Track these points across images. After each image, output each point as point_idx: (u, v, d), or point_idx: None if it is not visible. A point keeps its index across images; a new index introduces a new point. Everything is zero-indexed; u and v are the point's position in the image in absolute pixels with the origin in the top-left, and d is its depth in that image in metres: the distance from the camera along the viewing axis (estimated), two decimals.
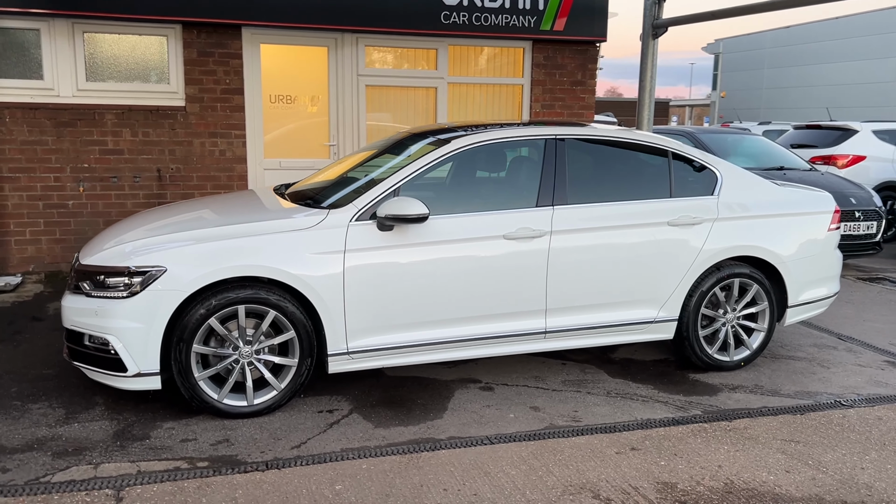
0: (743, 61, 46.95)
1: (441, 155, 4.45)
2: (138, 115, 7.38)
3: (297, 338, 4.10)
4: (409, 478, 3.45)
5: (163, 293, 3.86)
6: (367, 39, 8.04)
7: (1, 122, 7.04)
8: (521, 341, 4.57)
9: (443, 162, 4.46)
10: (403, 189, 4.32)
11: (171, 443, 3.79)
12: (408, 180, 4.34)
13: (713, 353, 4.98)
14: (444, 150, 4.47)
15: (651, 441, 3.91)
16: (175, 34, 7.42)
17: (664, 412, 4.33)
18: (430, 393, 4.55)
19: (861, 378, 4.97)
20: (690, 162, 4.98)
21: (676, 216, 4.77)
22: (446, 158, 4.47)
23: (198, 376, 3.98)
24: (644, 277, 4.72)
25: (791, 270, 5.04)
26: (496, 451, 3.75)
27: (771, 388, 4.75)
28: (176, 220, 4.44)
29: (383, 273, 4.18)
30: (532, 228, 4.45)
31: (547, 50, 8.59)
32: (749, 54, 46.40)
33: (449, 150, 4.48)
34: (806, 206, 5.18)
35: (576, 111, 8.82)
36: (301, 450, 3.74)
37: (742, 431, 4.06)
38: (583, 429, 4.05)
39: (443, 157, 4.45)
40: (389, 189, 4.29)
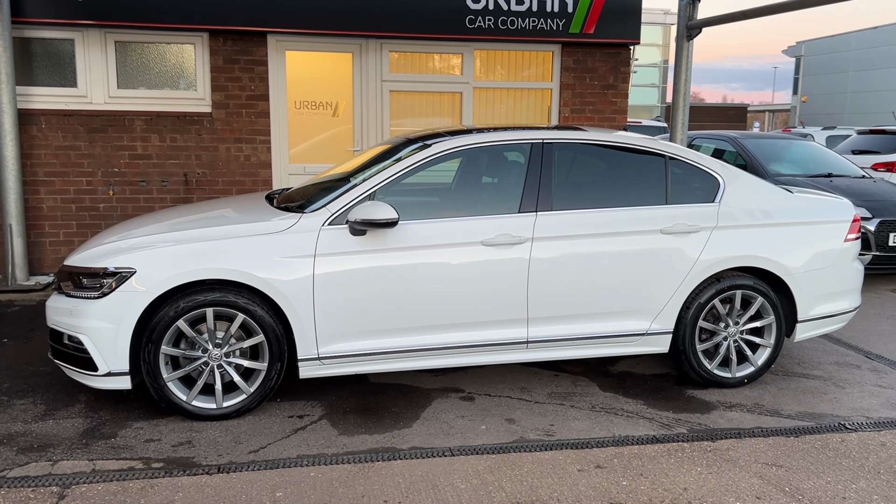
0: (826, 64, 45.04)
1: (420, 159, 4.37)
2: (166, 121, 7.59)
3: (266, 342, 4.10)
4: (353, 487, 3.38)
5: (131, 294, 3.92)
6: (392, 45, 8.04)
7: (37, 128, 7.35)
8: (502, 351, 4.44)
9: (422, 166, 4.38)
10: (379, 193, 4.27)
11: (135, 443, 3.83)
12: (384, 185, 4.29)
13: (712, 369, 4.72)
14: (424, 155, 4.39)
15: (620, 459, 3.73)
16: (202, 42, 7.59)
17: (646, 429, 4.12)
18: (407, 401, 4.47)
19: (877, 400, 4.62)
20: (690, 167, 4.75)
21: (670, 224, 4.54)
22: (426, 163, 4.39)
23: (166, 377, 4.02)
24: (635, 288, 4.52)
25: (800, 283, 4.74)
26: (453, 464, 3.64)
27: (772, 408, 4.46)
28: (160, 222, 4.50)
29: (355, 278, 4.14)
30: (512, 235, 4.32)
31: (577, 53, 8.40)
32: (832, 57, 44.49)
33: (428, 154, 4.40)
34: (819, 215, 4.86)
35: (607, 115, 8.58)
36: (258, 455, 3.72)
37: (723, 453, 3.83)
38: (552, 444, 3.90)
39: (422, 161, 4.37)
40: (364, 193, 4.24)
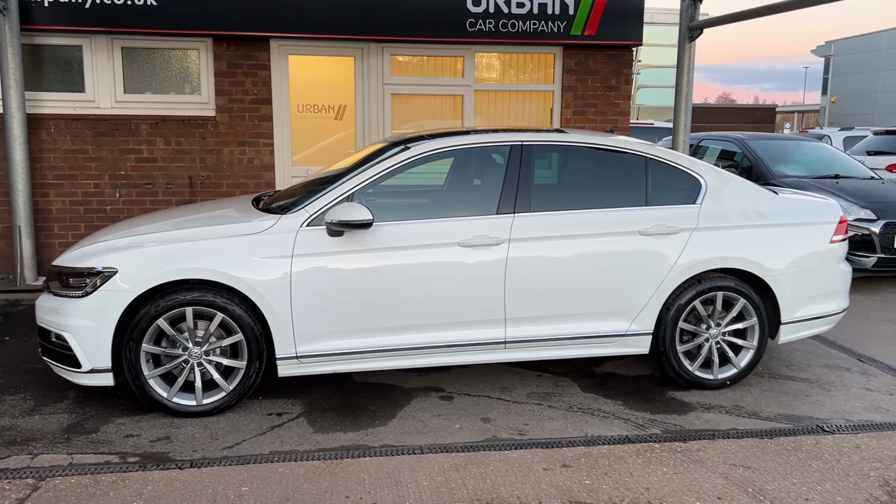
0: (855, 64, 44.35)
1: (398, 162, 4.44)
2: (171, 125, 7.75)
3: (244, 340, 4.18)
4: (317, 483, 3.45)
5: (113, 294, 4.03)
6: (393, 48, 8.12)
7: (47, 132, 7.55)
8: (480, 351, 4.48)
9: (401, 169, 4.44)
10: (357, 195, 4.34)
11: (115, 438, 3.95)
12: (362, 187, 4.36)
13: (693, 370, 4.72)
14: (402, 157, 4.46)
15: (587, 459, 3.75)
16: (206, 47, 7.74)
17: (620, 430, 4.14)
18: (386, 400, 4.53)
19: (861, 403, 4.58)
20: (671, 169, 4.75)
21: (649, 225, 4.55)
22: (404, 165, 4.45)
23: (147, 374, 4.13)
24: (613, 288, 4.53)
25: (783, 285, 4.72)
26: (420, 461, 3.69)
27: (751, 410, 4.45)
28: (149, 224, 4.62)
29: (333, 278, 4.21)
30: (489, 236, 4.36)
31: (578, 55, 8.41)
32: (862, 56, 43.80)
33: (407, 156, 4.46)
34: (804, 216, 4.84)
35: (609, 117, 8.58)
36: (232, 450, 3.81)
37: (693, 454, 3.83)
38: (523, 443, 3.93)
39: (400, 163, 4.44)
40: (342, 195, 4.32)
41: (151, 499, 3.28)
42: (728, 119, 39.68)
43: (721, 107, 47.87)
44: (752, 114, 45.80)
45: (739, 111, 45.67)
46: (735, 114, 44.14)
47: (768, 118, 46.44)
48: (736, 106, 50.83)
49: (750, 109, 48.08)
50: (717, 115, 43.65)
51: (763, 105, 51.84)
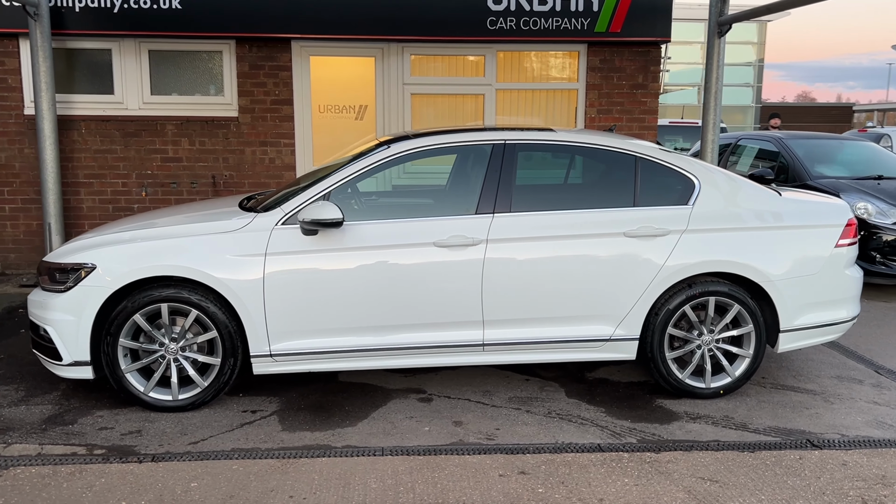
0: None
1: (377, 160, 4.41)
2: (195, 126, 7.92)
3: (219, 337, 4.23)
4: (266, 482, 3.45)
5: (92, 289, 4.13)
6: (413, 48, 8.10)
7: (78, 133, 7.83)
8: (458, 353, 4.41)
9: (380, 167, 4.41)
10: (335, 194, 4.33)
11: (89, 430, 4.04)
12: (339, 185, 4.35)
13: (684, 378, 4.53)
14: (382, 156, 4.43)
15: (549, 466, 3.64)
16: (229, 49, 7.89)
17: (593, 437, 4.00)
18: (364, 400, 4.51)
19: (864, 417, 4.31)
20: (663, 169, 4.57)
21: (635, 227, 4.39)
22: (383, 164, 4.42)
23: (125, 369, 4.22)
24: (595, 292, 4.39)
25: (782, 290, 4.48)
26: (375, 464, 3.65)
27: (741, 422, 4.24)
28: (138, 221, 4.72)
29: (306, 277, 4.21)
30: (466, 236, 4.29)
31: (603, 53, 8.22)
32: None
33: (385, 155, 4.43)
34: (806, 219, 4.59)
35: (636, 116, 8.35)
36: (196, 446, 3.85)
37: (662, 465, 3.67)
38: (488, 448, 3.84)
39: (379, 162, 4.41)
40: (318, 194, 4.31)
41: (101, 491, 3.34)
42: (802, 118, 38.19)
43: (798, 106, 46.10)
44: (826, 112, 44.02)
45: (813, 110, 43.95)
46: (809, 113, 42.51)
47: (844, 117, 44.54)
48: (810, 105, 48.95)
49: (826, 108, 46.22)
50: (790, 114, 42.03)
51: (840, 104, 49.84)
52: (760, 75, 46.49)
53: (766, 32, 45.57)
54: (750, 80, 46.36)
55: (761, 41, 45.81)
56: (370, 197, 4.67)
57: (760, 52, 46.10)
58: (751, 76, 46.38)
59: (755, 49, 45.91)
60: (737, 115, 44.68)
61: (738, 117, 45.22)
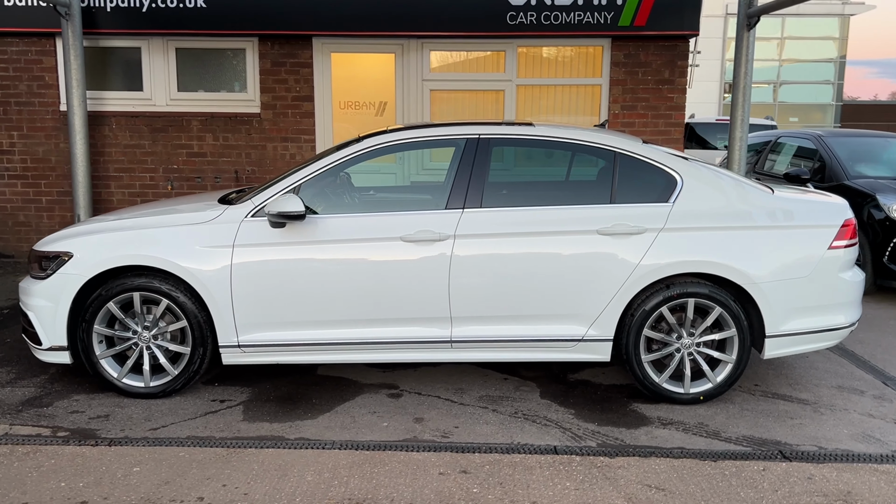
0: None
1: (346, 155, 4.41)
2: (219, 122, 8.11)
3: (188, 327, 4.31)
4: (206, 470, 3.49)
5: (68, 276, 4.27)
6: (432, 44, 8.08)
7: (109, 129, 8.13)
8: (425, 349, 4.37)
9: (350, 161, 4.41)
10: (305, 187, 4.35)
11: (61, 413, 4.18)
12: (310, 178, 4.37)
13: (660, 382, 4.36)
14: (352, 150, 4.42)
15: (493, 467, 3.56)
16: (252, 46, 8.04)
17: (551, 439, 3.90)
18: (334, 394, 4.52)
19: (852, 430, 4.06)
20: (643, 165, 4.41)
21: (609, 224, 4.26)
22: (354, 158, 4.42)
23: (99, 354, 4.34)
24: (567, 291, 4.28)
25: (767, 293, 4.26)
26: (319, 457, 3.65)
27: (714, 429, 4.06)
28: (127, 212, 4.86)
29: (273, 269, 4.24)
30: (433, 231, 4.24)
31: (628, 47, 8.00)
32: None
33: (358, 149, 4.42)
34: (798, 219, 4.35)
35: (662, 112, 8.10)
36: (154, 432, 3.93)
37: (611, 470, 3.54)
38: (438, 445, 3.79)
39: (349, 156, 4.41)
40: (287, 187, 4.34)
41: (46, 472, 3.45)
42: (861, 118, 36.48)
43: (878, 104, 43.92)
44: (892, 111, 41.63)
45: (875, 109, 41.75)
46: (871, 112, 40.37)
47: None
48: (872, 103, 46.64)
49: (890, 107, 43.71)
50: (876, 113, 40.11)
51: None
52: (842, 72, 44.48)
53: (849, 27, 43.54)
54: (830, 78, 44.42)
55: (843, 36, 43.81)
56: (347, 190, 4.67)
57: (843, 47, 44.10)
58: (831, 73, 44.43)
59: (836, 45, 43.95)
60: (815, 113, 42.84)
61: (816, 116, 43.39)
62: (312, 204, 4.34)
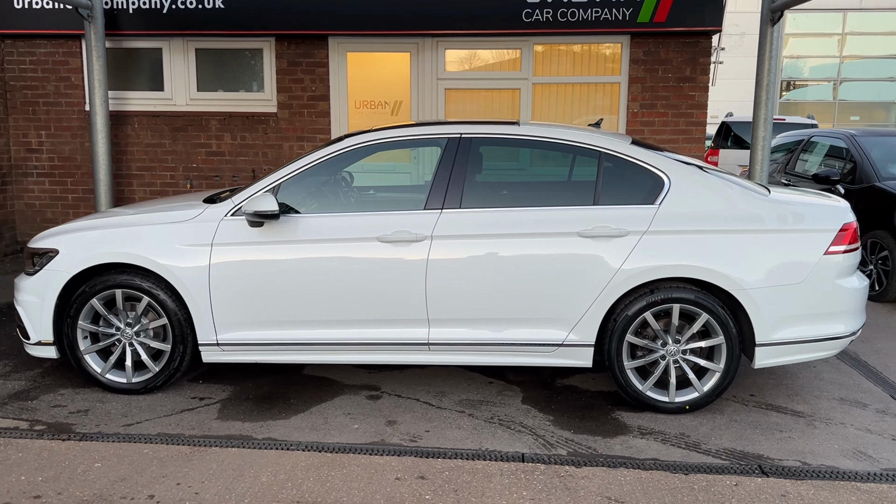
0: None
1: (327, 153, 4.39)
2: (237, 121, 8.20)
3: (169, 324, 4.34)
4: (164, 467, 3.50)
5: (53, 273, 4.36)
6: (447, 43, 8.01)
7: (131, 128, 8.30)
8: (403, 351, 4.31)
9: (330, 161, 4.39)
10: (285, 186, 4.35)
11: (44, 406, 4.26)
12: (290, 178, 4.36)
13: (644, 391, 4.22)
14: (333, 149, 4.40)
15: (453, 473, 3.48)
16: (269, 47, 8.11)
17: (521, 446, 3.80)
18: (314, 394, 4.50)
19: (844, 445, 3.85)
20: (629, 165, 4.27)
21: (590, 226, 4.13)
22: (335, 157, 4.39)
23: (83, 350, 4.42)
24: (546, 294, 4.17)
25: (758, 300, 4.08)
26: (280, 458, 3.63)
27: (695, 441, 3.90)
28: (114, 210, 4.93)
29: (250, 269, 4.25)
30: (410, 232, 4.19)
31: (647, 44, 7.80)
32: None
33: (337, 148, 4.40)
34: (791, 222, 4.15)
35: (683, 111, 7.87)
36: (126, 428, 3.97)
37: (574, 481, 3.43)
38: (404, 450, 3.73)
39: (329, 155, 4.38)
40: (266, 186, 4.34)
41: (11, 465, 3.51)
42: None
43: None
44: None
45: None
46: None
47: None
48: None
49: None
50: None
51: None
52: None
53: None
54: (894, 74, 42.70)
55: None
56: (336, 190, 4.65)
57: None
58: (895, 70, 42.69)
59: None
60: (878, 111, 41.30)
61: (879, 114, 41.85)
62: (295, 203, 4.32)
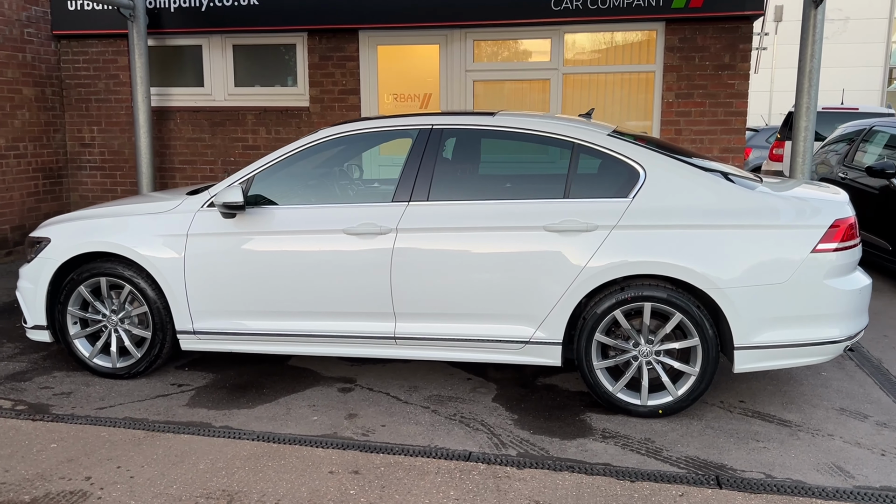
0: None
1: (300, 146, 4.40)
2: (272, 116, 8.38)
3: (149, 312, 4.47)
4: (112, 450, 3.61)
5: (45, 261, 4.56)
6: (476, 34, 7.90)
7: (174, 123, 8.62)
8: (371, 344, 4.29)
9: (303, 153, 4.41)
10: (259, 178, 4.40)
11: (33, 387, 4.48)
12: (263, 170, 4.40)
13: (615, 392, 4.04)
14: (306, 141, 4.41)
15: (389, 469, 3.43)
16: (302, 42, 8.23)
17: (472, 445, 3.70)
18: (289, 385, 4.54)
19: (820, 458, 3.57)
20: (604, 157, 4.09)
21: (557, 220, 3.98)
22: (308, 149, 4.41)
23: (73, 334, 4.61)
24: (512, 289, 4.05)
25: (735, 300, 3.82)
26: (226, 446, 3.67)
27: (657, 447, 3.70)
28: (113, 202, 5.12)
29: (222, 258, 4.32)
30: (376, 225, 4.15)
31: (683, 31, 7.45)
32: None
33: (309, 141, 4.41)
34: (774, 217, 3.86)
35: (721, 100, 7.48)
36: (99, 412, 4.12)
37: (509, 483, 3.31)
38: (350, 443, 3.71)
39: (302, 147, 4.40)
40: (241, 178, 4.40)
41: None
42: None
43: None
44: None
45: None
46: None
47: None
48: None
49: None
50: None
51: None
52: None
53: None
54: None
55: None
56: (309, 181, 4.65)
57: None
58: None
59: None
60: None
61: None
62: (270, 194, 4.36)
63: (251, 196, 4.34)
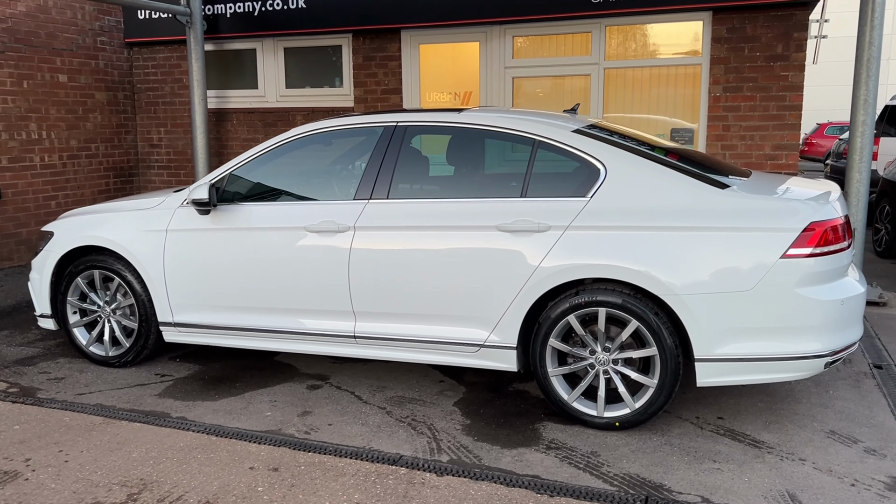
0: None
1: (271, 144, 4.46)
2: (319, 116, 8.55)
3: (135, 304, 4.67)
4: (64, 435, 3.78)
5: (49, 253, 4.86)
6: (515, 30, 7.74)
7: (230, 124, 8.97)
8: (333, 343, 4.28)
9: (277, 150, 4.46)
10: (233, 176, 4.49)
11: (33, 372, 4.78)
12: (238, 167, 4.49)
13: (570, 402, 3.83)
14: (278, 139, 4.47)
15: (309, 468, 3.41)
16: (347, 43, 8.35)
17: (407, 449, 3.62)
18: (263, 380, 4.61)
19: (778, 487, 3.24)
20: (566, 154, 3.89)
21: (510, 220, 3.82)
22: (279, 147, 4.46)
23: (72, 323, 4.88)
24: (464, 291, 3.93)
25: (693, 308, 3.54)
26: (169, 437, 3.76)
27: (598, 462, 3.48)
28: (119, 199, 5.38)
29: (195, 254, 4.45)
30: (335, 222, 4.15)
31: (731, 20, 6.98)
32: None
33: (284, 138, 4.46)
34: (746, 220, 3.54)
35: (774, 93, 6.95)
36: (78, 397, 4.34)
37: (416, 489, 3.21)
38: (287, 441, 3.71)
39: (276, 145, 4.46)
40: (217, 176, 4.51)
41: None
42: None
43: None
44: None
45: None
46: None
47: None
48: None
49: None
50: None
51: None
52: None
53: None
54: None
55: None
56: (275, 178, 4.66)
57: None
58: None
59: None
60: None
61: None
62: (244, 192, 4.44)
63: (228, 193, 4.44)
